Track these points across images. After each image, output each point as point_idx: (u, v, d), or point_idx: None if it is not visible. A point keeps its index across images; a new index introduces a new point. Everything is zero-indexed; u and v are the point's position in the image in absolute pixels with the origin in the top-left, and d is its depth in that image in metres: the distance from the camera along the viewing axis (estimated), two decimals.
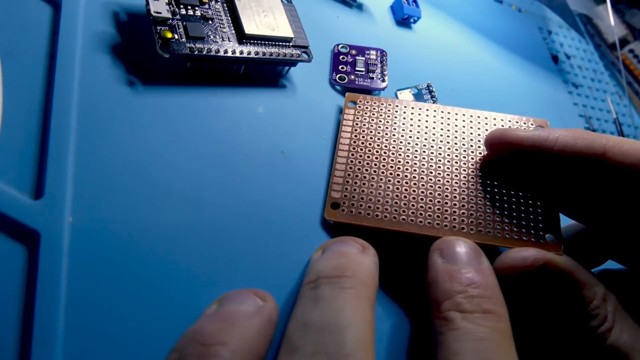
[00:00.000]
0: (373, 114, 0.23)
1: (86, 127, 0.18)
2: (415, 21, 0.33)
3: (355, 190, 0.20)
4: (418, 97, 0.28)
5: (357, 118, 0.23)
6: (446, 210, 0.20)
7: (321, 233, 0.20)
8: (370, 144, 0.22)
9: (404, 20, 0.33)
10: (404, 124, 0.23)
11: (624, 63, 0.44)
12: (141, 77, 0.20)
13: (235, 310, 0.15)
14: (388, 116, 0.23)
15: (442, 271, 0.18)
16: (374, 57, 0.28)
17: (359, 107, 0.24)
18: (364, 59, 0.27)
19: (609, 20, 0.44)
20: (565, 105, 0.38)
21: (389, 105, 0.24)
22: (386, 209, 0.20)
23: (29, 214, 0.16)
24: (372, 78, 0.27)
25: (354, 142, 0.22)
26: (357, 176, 0.21)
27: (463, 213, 0.20)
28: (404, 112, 0.23)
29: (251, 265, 0.19)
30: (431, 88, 0.29)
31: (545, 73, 0.39)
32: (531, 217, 0.20)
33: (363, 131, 0.23)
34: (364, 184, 0.21)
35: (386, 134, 0.22)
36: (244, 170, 0.21)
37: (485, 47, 0.37)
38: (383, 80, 0.27)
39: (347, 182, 0.21)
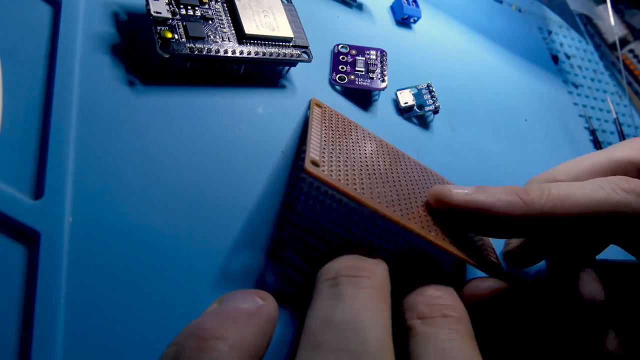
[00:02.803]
0: (337, 123, 0.22)
1: (86, 127, 0.18)
2: (415, 21, 0.33)
3: (332, 160, 0.19)
4: (418, 97, 0.28)
5: (325, 116, 0.22)
6: (413, 212, 0.20)
7: None
8: (338, 140, 0.21)
9: (404, 20, 0.33)
10: (363, 142, 0.22)
11: (624, 63, 0.44)
12: (141, 77, 0.20)
13: (236, 308, 0.16)
14: (345, 130, 0.22)
15: (411, 292, 0.19)
16: (374, 57, 0.28)
17: (325, 111, 0.23)
18: (364, 59, 0.27)
19: (609, 20, 0.44)
20: (565, 105, 0.38)
21: (345, 122, 0.23)
22: (363, 189, 0.19)
23: (29, 214, 0.16)
24: (372, 78, 0.27)
25: (325, 130, 0.21)
26: (332, 150, 0.20)
27: (427, 222, 0.20)
28: (357, 133, 0.23)
29: (252, 264, 0.19)
30: (431, 88, 0.29)
31: (545, 73, 0.39)
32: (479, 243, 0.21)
33: (331, 127, 0.21)
34: (339, 157, 0.19)
35: (350, 140, 0.22)
36: (244, 170, 0.21)
37: (485, 47, 0.37)
38: (383, 80, 0.27)
39: (324, 151, 0.19)
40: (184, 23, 0.20)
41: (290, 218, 0.20)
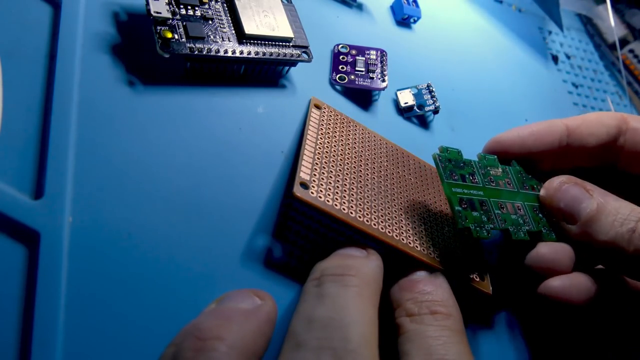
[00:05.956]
0: (335, 125, 0.23)
1: (86, 127, 0.18)
2: (415, 21, 0.33)
3: (323, 177, 0.19)
4: (418, 97, 0.28)
5: (323, 119, 0.22)
6: (402, 226, 0.20)
7: None
8: (334, 148, 0.21)
9: (404, 20, 0.33)
10: (361, 144, 0.23)
11: (624, 63, 0.44)
12: (141, 77, 0.20)
13: (234, 307, 0.16)
14: (343, 132, 0.23)
15: (396, 285, 0.19)
16: (374, 57, 0.28)
17: (323, 112, 0.23)
18: (364, 59, 0.27)
19: (609, 20, 0.44)
20: (565, 105, 0.38)
21: (344, 122, 0.23)
22: (351, 207, 0.19)
23: (29, 214, 0.16)
24: (372, 78, 0.27)
25: (321, 138, 0.21)
26: (325, 163, 0.20)
27: (416, 233, 0.21)
28: (355, 133, 0.23)
29: (252, 264, 0.19)
30: (431, 88, 0.29)
31: (545, 73, 0.39)
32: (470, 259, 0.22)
33: (328, 133, 0.22)
34: (331, 171, 0.20)
35: (347, 145, 0.22)
36: (243, 170, 0.21)
37: (485, 47, 0.37)
38: (383, 80, 0.27)
39: (316, 166, 0.20)
40: (184, 23, 0.20)
41: (293, 206, 0.21)
